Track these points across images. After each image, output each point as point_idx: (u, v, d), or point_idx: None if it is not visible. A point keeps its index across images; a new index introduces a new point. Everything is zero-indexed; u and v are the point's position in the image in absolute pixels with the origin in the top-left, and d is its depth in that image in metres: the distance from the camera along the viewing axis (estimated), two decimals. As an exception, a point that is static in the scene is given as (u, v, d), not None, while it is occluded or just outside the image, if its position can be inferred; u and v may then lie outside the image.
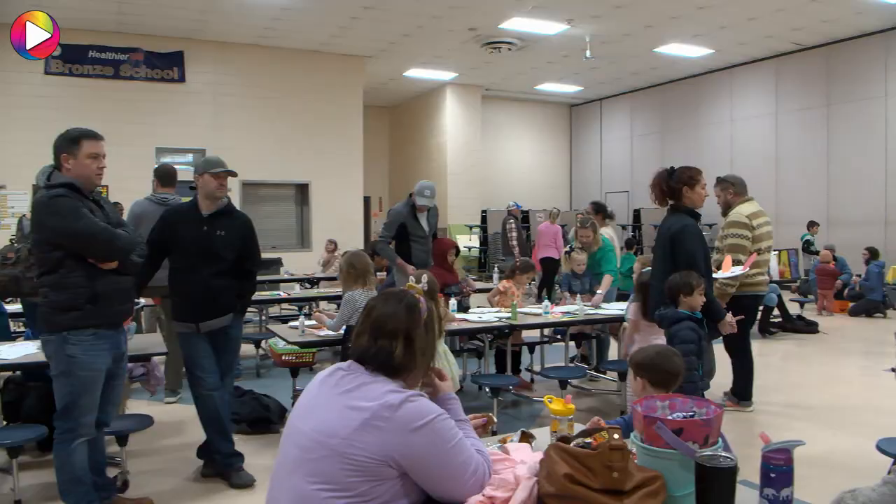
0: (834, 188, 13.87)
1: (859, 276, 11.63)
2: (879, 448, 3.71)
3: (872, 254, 11.46)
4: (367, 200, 16.18)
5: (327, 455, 1.70)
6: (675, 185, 4.57)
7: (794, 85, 14.76)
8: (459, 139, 17.64)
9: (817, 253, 12.14)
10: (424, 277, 3.87)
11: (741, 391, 5.73)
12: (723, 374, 5.87)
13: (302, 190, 14.40)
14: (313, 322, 5.28)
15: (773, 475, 1.63)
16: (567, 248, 6.82)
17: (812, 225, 13.05)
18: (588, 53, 13.46)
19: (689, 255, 4.40)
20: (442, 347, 4.27)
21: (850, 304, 11.42)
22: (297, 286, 9.45)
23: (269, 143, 13.54)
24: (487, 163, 18.83)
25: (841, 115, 13.86)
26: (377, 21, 12.12)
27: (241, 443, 4.40)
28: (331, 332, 4.86)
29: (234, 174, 4.17)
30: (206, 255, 4.06)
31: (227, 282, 4.14)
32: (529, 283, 12.74)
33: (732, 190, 5.80)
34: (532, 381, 6.66)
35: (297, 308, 9.40)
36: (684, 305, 4.25)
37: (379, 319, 1.90)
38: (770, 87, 15.25)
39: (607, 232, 7.20)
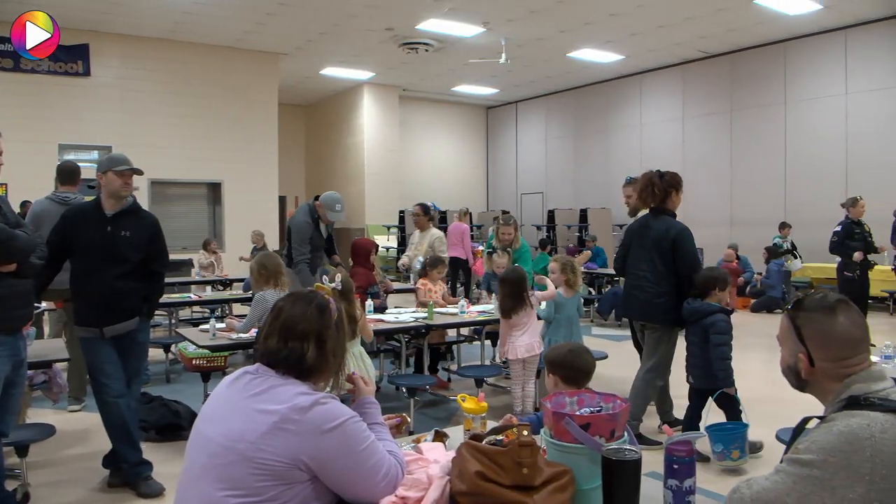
0: (737, 190, 14.51)
1: (760, 274, 12.19)
2: (779, 438, 3.92)
3: (771, 253, 12.03)
4: (282, 200, 15.93)
5: (236, 460, 1.66)
6: (666, 187, 4.84)
7: (700, 91, 15.38)
8: (377, 139, 17.58)
9: (793, 253, 11.95)
10: (338, 277, 3.85)
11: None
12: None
13: (214, 189, 14.06)
14: (224, 325, 5.17)
15: (676, 466, 1.69)
16: (489, 249, 6.89)
17: (784, 227, 12.39)
18: (503, 57, 13.64)
19: (691, 256, 4.76)
20: (357, 349, 4.26)
21: (752, 301, 11.97)
22: (208, 288, 9.22)
23: (179, 140, 13.17)
24: (405, 163, 18.85)
25: (743, 120, 14.52)
26: (293, 18, 11.95)
27: (149, 451, 4.26)
28: (242, 335, 4.77)
29: (139, 172, 4.04)
30: (109, 257, 3.92)
31: (133, 284, 4.01)
32: (448, 281, 12.87)
33: None
34: (449, 380, 6.70)
35: (208, 311, 9.17)
36: (714, 298, 4.58)
37: (289, 321, 1.87)
38: (678, 93, 15.83)
39: (435, 233, 7.36)
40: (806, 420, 1.75)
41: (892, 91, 12.21)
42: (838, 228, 8.46)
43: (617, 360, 6.85)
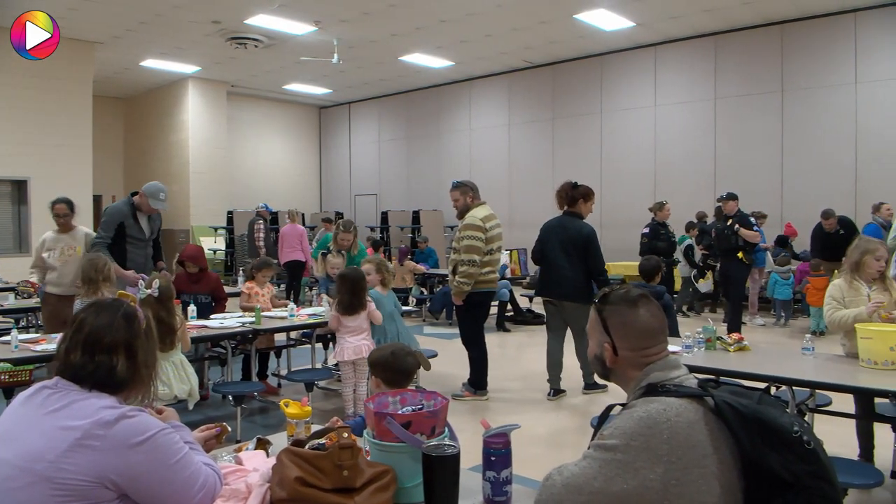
0: (559, 194, 15.28)
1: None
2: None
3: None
4: (97, 199, 14.85)
5: (33, 482, 1.53)
6: (576, 195, 6.12)
7: (524, 99, 16.09)
8: (203, 136, 16.86)
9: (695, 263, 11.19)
10: (155, 283, 3.67)
11: (477, 381, 6.11)
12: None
13: (19, 187, 12.85)
14: (30, 336, 4.75)
15: (493, 458, 1.75)
16: (324, 250, 6.80)
17: (691, 227, 11.47)
18: (335, 57, 13.54)
19: (599, 251, 6.05)
20: (178, 357, 4.06)
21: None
22: (11, 296, 8.43)
23: (-24, 133, 11.93)
24: (234, 162, 18.21)
25: (564, 127, 15.37)
26: (110, 5, 11.17)
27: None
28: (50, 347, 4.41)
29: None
30: None
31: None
32: (279, 286, 12.60)
33: (472, 194, 6.17)
34: (279, 385, 6.56)
35: (11, 320, 8.37)
36: (654, 282, 5.85)
37: (94, 333, 1.73)
38: (504, 100, 16.47)
39: (82, 230, 6.94)
40: (610, 407, 1.87)
41: (694, 104, 13.42)
42: (646, 230, 9.16)
43: (447, 358, 7.02)
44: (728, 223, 8.57)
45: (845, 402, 4.13)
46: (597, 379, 5.94)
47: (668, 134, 13.75)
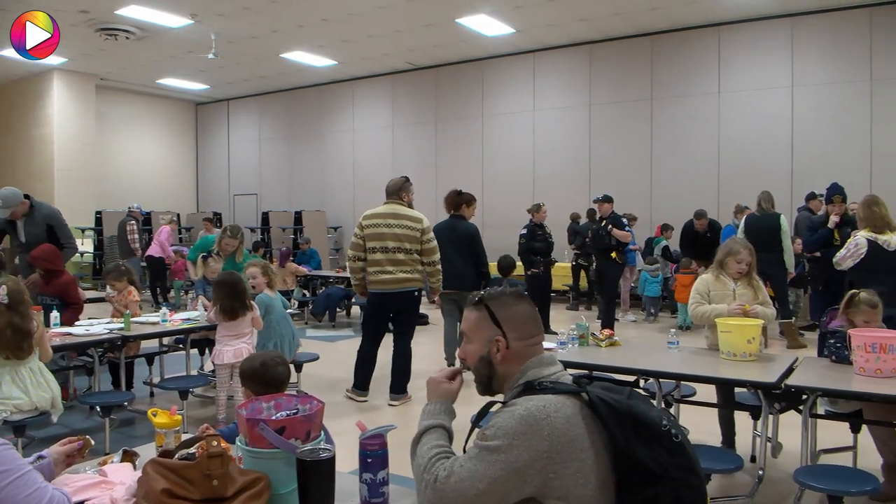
0: (441, 195, 15.36)
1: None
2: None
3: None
4: (-51, 198, 13.71)
5: None
6: (461, 201, 7.25)
7: (408, 100, 16.13)
8: (69, 131, 15.87)
9: (674, 259, 11.15)
10: (3, 289, 3.44)
11: (356, 381, 6.07)
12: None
13: None
14: None
15: (369, 460, 1.75)
16: (205, 254, 6.58)
17: (666, 229, 11.51)
18: (213, 52, 13.10)
19: (483, 247, 7.13)
20: (36, 364, 3.81)
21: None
22: None
23: None
24: (103, 159, 17.25)
25: (447, 130, 15.54)
26: (-39, -11, 10.36)
27: None
28: None
29: None
30: None
31: None
32: (151, 289, 12.12)
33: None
34: (152, 394, 6.27)
35: None
36: (511, 275, 7.80)
37: None
38: (388, 101, 16.46)
39: None
40: (490, 404, 1.91)
41: (570, 110, 13.88)
42: (524, 231, 9.42)
43: (329, 360, 6.95)
44: (602, 224, 8.94)
45: (708, 393, 4.39)
46: None
47: (546, 138, 14.17)
